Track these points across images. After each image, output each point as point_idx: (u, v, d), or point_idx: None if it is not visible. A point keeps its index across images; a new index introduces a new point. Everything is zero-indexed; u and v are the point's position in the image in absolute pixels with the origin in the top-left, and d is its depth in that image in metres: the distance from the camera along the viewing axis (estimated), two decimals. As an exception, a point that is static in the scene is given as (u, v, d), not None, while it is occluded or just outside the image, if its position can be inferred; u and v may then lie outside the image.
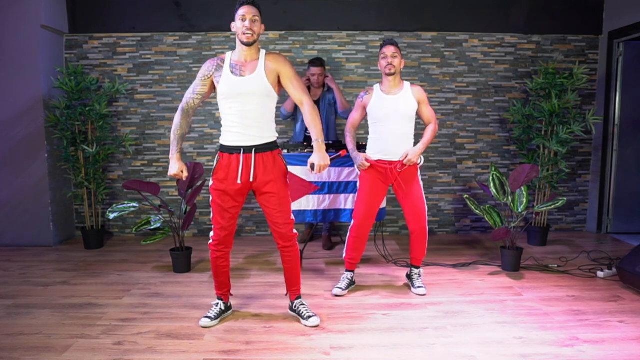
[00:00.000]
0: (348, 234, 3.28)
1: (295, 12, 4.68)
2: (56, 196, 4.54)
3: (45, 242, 4.48)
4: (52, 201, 4.48)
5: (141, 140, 4.81)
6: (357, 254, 3.28)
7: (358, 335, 2.64)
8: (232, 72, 2.53)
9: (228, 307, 2.90)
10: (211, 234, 2.71)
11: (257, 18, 2.49)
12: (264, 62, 2.54)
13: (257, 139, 2.56)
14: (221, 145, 2.62)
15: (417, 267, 3.33)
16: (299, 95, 2.58)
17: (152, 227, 3.71)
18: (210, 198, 2.66)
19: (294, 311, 2.84)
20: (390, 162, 3.10)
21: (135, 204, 3.75)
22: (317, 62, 4.18)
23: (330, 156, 2.61)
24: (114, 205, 3.78)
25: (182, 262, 3.74)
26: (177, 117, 2.62)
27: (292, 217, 2.69)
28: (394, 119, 3.07)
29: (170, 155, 2.62)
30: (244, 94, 2.51)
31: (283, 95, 3.44)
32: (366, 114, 3.20)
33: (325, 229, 4.49)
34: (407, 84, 3.15)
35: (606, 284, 3.41)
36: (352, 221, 3.24)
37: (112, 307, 3.04)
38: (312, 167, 2.51)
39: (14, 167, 4.40)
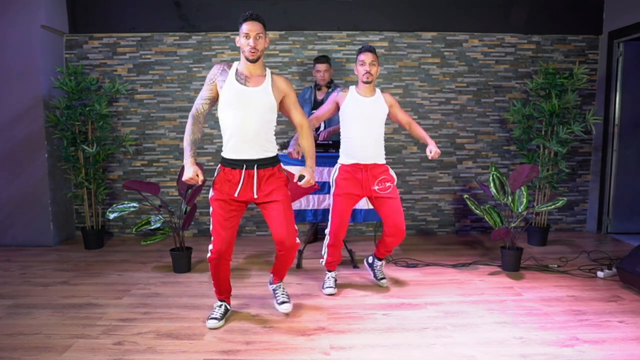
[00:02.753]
0: (325, 249, 3.30)
1: (295, 12, 4.68)
2: (56, 196, 4.54)
3: (45, 242, 4.48)
4: (52, 201, 4.48)
5: (141, 140, 4.81)
6: (337, 258, 3.34)
7: (358, 335, 2.64)
8: (237, 79, 2.55)
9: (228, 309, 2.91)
10: (210, 246, 2.67)
11: (261, 35, 2.51)
12: (270, 79, 2.61)
13: (255, 153, 2.58)
14: (223, 158, 2.63)
15: (381, 259, 3.44)
16: (300, 118, 2.73)
17: (152, 227, 3.71)
18: (211, 210, 2.64)
19: (273, 291, 2.98)
20: (365, 166, 3.14)
21: (135, 204, 3.75)
22: (322, 58, 4.18)
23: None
24: (114, 205, 3.78)
25: (182, 262, 3.74)
26: (189, 124, 2.60)
27: (296, 226, 2.71)
28: (366, 120, 3.13)
29: (185, 161, 2.59)
30: (247, 103, 2.53)
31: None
32: (337, 112, 3.23)
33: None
34: (378, 90, 3.24)
35: (606, 284, 3.40)
36: (328, 239, 3.25)
37: (112, 307, 3.04)
38: (300, 178, 2.68)
39: (14, 167, 4.40)
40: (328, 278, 3.35)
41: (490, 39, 4.79)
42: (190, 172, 2.54)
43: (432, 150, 3.14)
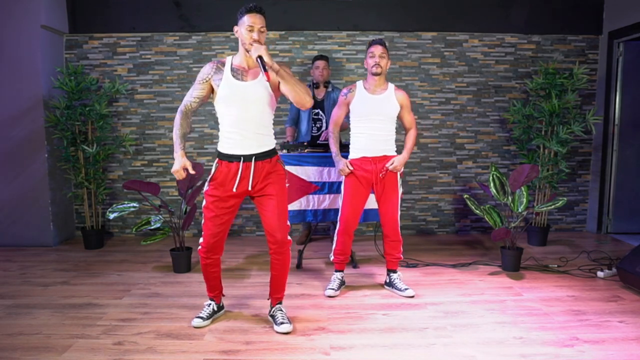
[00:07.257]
0: (335, 238, 3.30)
1: (295, 12, 4.68)
2: (56, 196, 4.54)
3: (45, 242, 4.48)
4: (52, 201, 4.48)
5: (141, 140, 4.81)
6: (345, 253, 3.31)
7: (358, 335, 2.64)
8: (233, 76, 2.50)
9: (220, 308, 2.89)
10: (200, 240, 2.67)
11: (264, 29, 2.46)
12: None
13: (255, 147, 2.54)
14: (219, 152, 2.60)
15: (395, 272, 3.34)
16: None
17: (152, 227, 3.71)
18: (204, 203, 2.62)
19: (271, 316, 2.78)
20: (373, 159, 3.12)
21: (135, 204, 3.75)
22: (320, 56, 4.25)
23: None
24: (114, 205, 3.78)
25: (182, 262, 3.73)
26: (177, 118, 2.58)
27: (289, 223, 2.65)
28: (377, 118, 3.10)
29: (175, 154, 2.56)
30: (245, 99, 2.48)
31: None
32: (349, 111, 3.21)
33: (333, 229, 4.51)
34: (391, 85, 3.18)
35: (606, 284, 3.40)
36: (338, 225, 3.27)
37: (112, 307, 3.04)
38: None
39: (14, 167, 4.40)
40: (334, 279, 3.32)
41: (490, 39, 4.79)
42: (177, 164, 2.51)
43: (395, 162, 3.10)
